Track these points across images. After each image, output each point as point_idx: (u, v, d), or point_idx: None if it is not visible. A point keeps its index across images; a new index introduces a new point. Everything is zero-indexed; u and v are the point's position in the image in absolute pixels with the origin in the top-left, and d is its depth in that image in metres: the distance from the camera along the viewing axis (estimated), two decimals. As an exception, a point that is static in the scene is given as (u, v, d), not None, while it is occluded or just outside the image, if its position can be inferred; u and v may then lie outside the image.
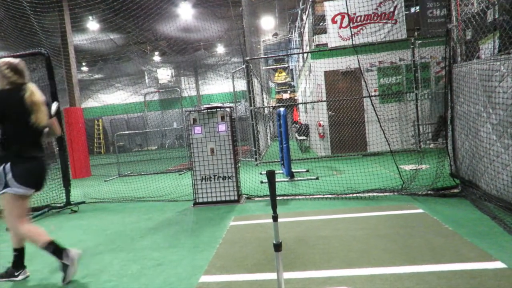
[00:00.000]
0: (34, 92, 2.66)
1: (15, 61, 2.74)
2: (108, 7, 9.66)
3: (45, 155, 2.82)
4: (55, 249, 2.65)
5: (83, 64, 19.17)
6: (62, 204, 5.36)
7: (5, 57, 3.17)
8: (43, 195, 5.86)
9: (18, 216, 2.66)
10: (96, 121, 22.07)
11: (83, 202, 5.71)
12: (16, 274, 2.79)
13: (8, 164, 2.56)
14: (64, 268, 2.62)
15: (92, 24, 12.91)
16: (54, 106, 2.90)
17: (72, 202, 5.41)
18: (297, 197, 4.79)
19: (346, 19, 8.82)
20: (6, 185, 2.56)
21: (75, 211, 5.25)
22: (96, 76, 20.64)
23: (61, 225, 4.53)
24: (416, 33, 9.10)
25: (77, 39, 12.89)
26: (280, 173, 6.71)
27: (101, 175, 9.64)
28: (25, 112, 2.59)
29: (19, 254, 2.82)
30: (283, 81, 21.82)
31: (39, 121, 2.63)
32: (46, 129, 2.77)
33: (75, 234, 4.04)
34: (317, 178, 5.87)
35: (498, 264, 2.30)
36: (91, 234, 3.96)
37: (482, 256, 2.43)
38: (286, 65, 22.66)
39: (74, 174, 9.21)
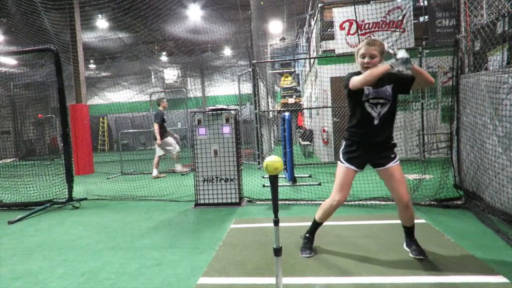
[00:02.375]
0: None
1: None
2: (118, 6, 9.74)
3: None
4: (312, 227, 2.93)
5: (91, 61, 19.31)
6: (64, 200, 5.38)
7: (17, 52, 3.21)
8: (46, 190, 5.89)
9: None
10: (101, 119, 22.19)
11: (85, 199, 5.73)
12: None
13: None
14: None
15: (102, 23, 13.02)
16: None
17: (74, 198, 5.43)
18: (299, 202, 4.77)
19: (354, 26, 8.82)
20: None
21: (77, 207, 5.26)
22: (103, 74, 20.78)
23: (62, 220, 4.54)
24: (424, 42, 9.08)
25: (86, 37, 13.00)
26: (282, 177, 6.70)
27: (104, 172, 9.67)
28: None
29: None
30: (289, 86, 21.84)
31: None
32: None
33: (75, 230, 4.05)
34: (319, 184, 5.85)
35: (501, 279, 2.27)
36: (91, 231, 3.96)
37: (484, 270, 2.40)
38: (293, 70, 22.69)
39: (77, 170, 9.25)
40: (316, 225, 2.91)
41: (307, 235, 2.95)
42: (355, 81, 2.46)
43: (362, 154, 2.65)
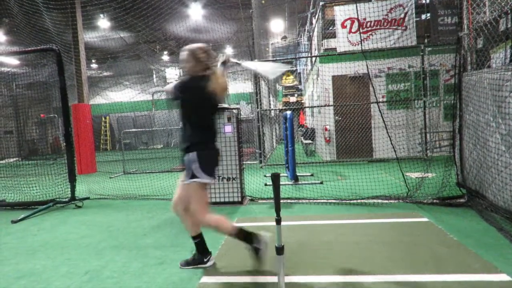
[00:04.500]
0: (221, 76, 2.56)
1: (204, 44, 2.64)
2: (119, 6, 9.75)
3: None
4: (246, 236, 2.58)
5: (93, 61, 19.35)
6: (67, 199, 5.40)
7: (20, 52, 3.23)
8: (49, 189, 5.92)
9: (204, 205, 2.59)
10: (103, 118, 22.25)
11: (88, 198, 5.75)
12: (205, 260, 2.74)
13: (195, 153, 2.50)
14: (256, 252, 2.56)
15: (103, 22, 13.04)
16: None
17: (77, 198, 5.45)
18: (301, 201, 4.77)
19: (356, 24, 8.79)
20: (194, 175, 2.51)
21: (80, 207, 5.28)
22: (105, 74, 20.82)
23: (65, 220, 4.56)
24: (426, 40, 9.04)
25: (87, 37, 13.03)
26: (284, 176, 6.69)
27: (107, 171, 9.70)
28: (210, 99, 2.52)
29: (200, 240, 2.75)
30: (291, 84, 21.81)
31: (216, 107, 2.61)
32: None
33: (78, 229, 4.06)
34: (321, 183, 5.85)
35: (504, 277, 2.26)
36: (94, 230, 3.98)
37: (487, 268, 2.40)
38: (294, 69, 22.65)
39: (79, 170, 9.29)
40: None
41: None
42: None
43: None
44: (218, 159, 2.65)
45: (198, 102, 2.52)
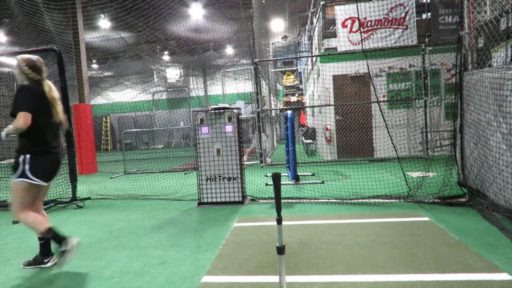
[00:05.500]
0: (52, 88, 2.83)
1: (34, 58, 2.85)
2: (120, 6, 9.75)
3: (59, 148, 2.96)
4: (55, 235, 2.73)
5: (94, 61, 19.37)
6: (68, 199, 5.41)
7: (20, 52, 3.33)
8: (50, 189, 5.92)
9: (23, 203, 2.73)
10: (104, 118, 22.28)
11: (89, 198, 5.76)
12: (45, 261, 2.89)
13: (28, 156, 2.70)
14: (61, 254, 2.69)
15: (104, 22, 13.05)
16: None
17: (78, 198, 5.46)
18: (302, 201, 4.77)
19: (356, 24, 8.79)
20: (23, 175, 2.68)
21: (81, 207, 5.29)
22: (106, 74, 20.84)
23: (67, 220, 4.57)
24: (427, 40, 9.03)
25: (88, 37, 13.04)
26: (285, 176, 6.69)
27: (107, 171, 9.72)
28: (47, 105, 2.77)
29: (45, 242, 2.89)
30: (291, 84, 21.79)
31: (57, 115, 2.83)
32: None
33: (80, 229, 4.07)
34: (322, 182, 5.85)
35: (505, 276, 2.26)
36: (95, 230, 3.99)
37: (488, 267, 2.40)
38: (295, 68, 22.64)
39: (80, 170, 9.30)
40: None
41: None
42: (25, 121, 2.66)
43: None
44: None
45: None
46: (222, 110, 4.85)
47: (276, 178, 2.00)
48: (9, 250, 3.45)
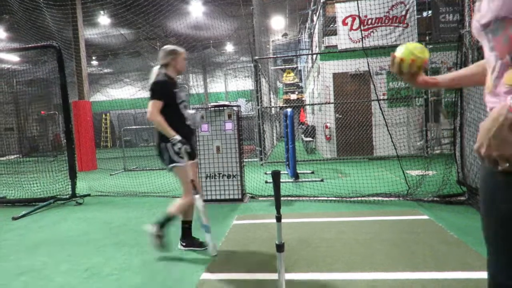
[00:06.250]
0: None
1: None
2: (119, 2, 9.72)
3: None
4: (169, 222, 2.86)
5: (93, 58, 19.31)
6: (67, 196, 5.41)
7: (20, 49, 3.37)
8: (49, 186, 5.93)
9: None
10: (104, 115, 22.24)
11: (88, 195, 5.76)
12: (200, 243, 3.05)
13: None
14: (156, 236, 2.81)
15: (103, 19, 13.00)
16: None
17: (77, 195, 5.46)
18: (301, 199, 4.77)
19: (357, 21, 8.76)
20: (172, 161, 2.79)
21: (80, 204, 5.29)
22: (106, 71, 20.78)
23: (66, 216, 4.57)
24: (427, 38, 9.01)
25: (88, 33, 12.99)
26: (285, 173, 6.70)
27: (107, 168, 9.71)
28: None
29: (188, 227, 3.08)
30: (291, 82, 21.75)
31: None
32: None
33: (79, 226, 4.07)
34: (322, 180, 5.85)
35: (504, 275, 2.26)
36: (95, 227, 3.99)
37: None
38: (295, 66, 22.60)
39: (80, 167, 9.29)
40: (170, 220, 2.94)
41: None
42: (152, 111, 2.76)
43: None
44: None
45: None
46: (222, 108, 4.84)
47: (276, 175, 1.99)
48: (8, 246, 3.45)
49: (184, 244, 3.05)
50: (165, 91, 2.80)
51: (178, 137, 2.70)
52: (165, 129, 2.71)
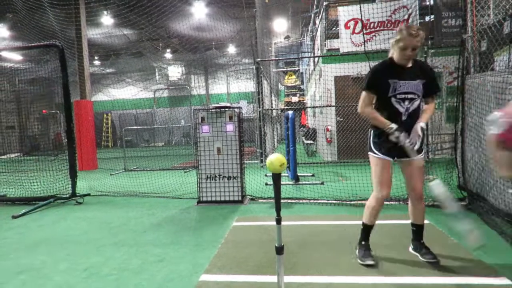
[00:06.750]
0: None
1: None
2: (123, 3, 9.75)
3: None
4: (364, 233, 2.71)
5: (96, 58, 19.37)
6: (67, 195, 5.41)
7: (22, 47, 3.27)
8: (50, 185, 5.93)
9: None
10: (105, 115, 22.29)
11: (88, 194, 5.76)
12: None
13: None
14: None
15: (106, 19, 13.04)
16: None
17: (77, 194, 5.46)
18: (301, 201, 4.76)
19: (359, 25, 8.77)
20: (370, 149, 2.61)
21: (80, 203, 5.29)
22: (108, 70, 20.83)
23: (66, 216, 4.57)
24: (429, 42, 9.01)
25: (91, 33, 13.03)
26: (285, 176, 6.69)
27: (108, 168, 9.72)
28: None
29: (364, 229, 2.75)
30: (293, 84, 21.78)
31: None
32: None
33: (79, 225, 4.07)
34: (322, 183, 5.84)
35: (504, 281, 2.26)
36: (94, 227, 3.99)
37: (488, 271, 2.39)
38: (297, 68, 22.63)
39: (81, 166, 9.30)
40: (367, 229, 2.73)
41: (363, 242, 2.72)
42: (360, 105, 2.52)
43: (393, 146, 2.50)
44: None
45: None
46: (223, 109, 4.85)
47: (276, 178, 1.99)
48: (8, 245, 3.45)
49: None
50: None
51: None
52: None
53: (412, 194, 2.63)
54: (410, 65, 2.47)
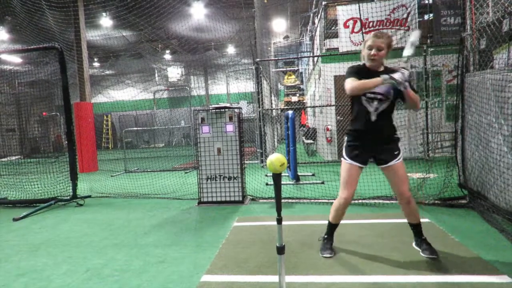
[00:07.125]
0: None
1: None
2: (122, 4, 9.76)
3: None
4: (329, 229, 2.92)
5: (95, 59, 19.38)
6: (68, 197, 5.41)
7: (22, 50, 3.27)
8: (50, 187, 5.93)
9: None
10: (105, 117, 22.29)
11: (89, 196, 5.76)
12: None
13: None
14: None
15: (105, 21, 13.05)
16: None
17: (78, 196, 5.46)
18: (302, 201, 4.76)
19: (358, 24, 8.77)
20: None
21: (81, 205, 5.30)
22: (107, 72, 20.85)
23: (67, 218, 4.57)
24: (429, 41, 9.01)
25: (90, 35, 13.04)
26: (285, 176, 6.69)
27: (108, 170, 9.72)
28: None
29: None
30: (292, 84, 21.77)
31: None
32: None
33: (80, 227, 4.07)
34: (322, 183, 5.84)
35: (505, 278, 2.26)
36: (95, 228, 3.99)
37: (488, 270, 2.39)
38: (296, 68, 22.62)
39: (81, 168, 9.31)
40: (331, 226, 2.91)
41: (325, 236, 2.92)
42: (347, 87, 2.50)
43: (363, 150, 2.64)
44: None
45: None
46: (223, 110, 4.85)
47: (277, 177, 1.99)
48: (9, 247, 3.45)
49: None
50: None
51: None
52: None
53: (400, 198, 2.66)
54: (381, 69, 2.59)
